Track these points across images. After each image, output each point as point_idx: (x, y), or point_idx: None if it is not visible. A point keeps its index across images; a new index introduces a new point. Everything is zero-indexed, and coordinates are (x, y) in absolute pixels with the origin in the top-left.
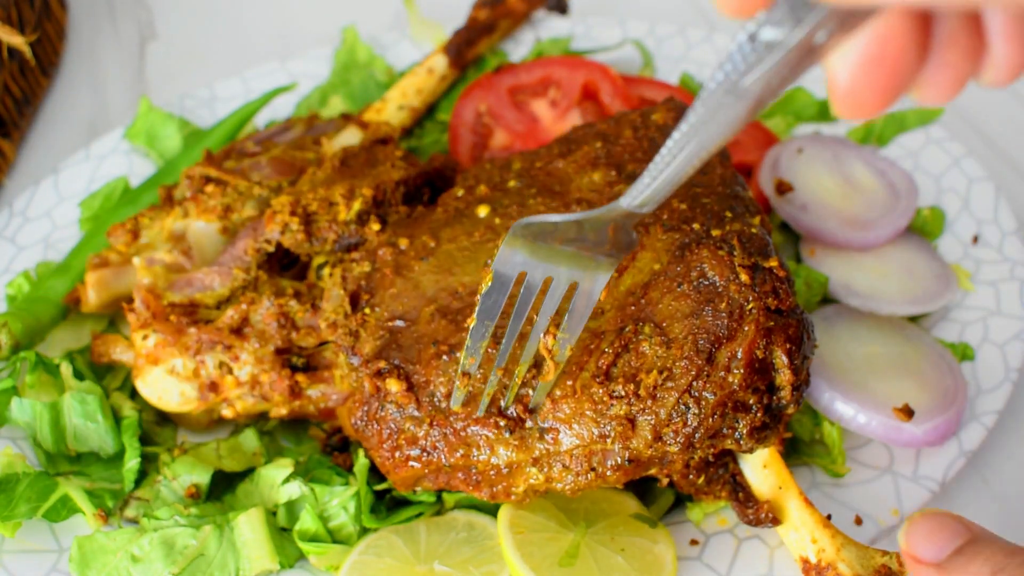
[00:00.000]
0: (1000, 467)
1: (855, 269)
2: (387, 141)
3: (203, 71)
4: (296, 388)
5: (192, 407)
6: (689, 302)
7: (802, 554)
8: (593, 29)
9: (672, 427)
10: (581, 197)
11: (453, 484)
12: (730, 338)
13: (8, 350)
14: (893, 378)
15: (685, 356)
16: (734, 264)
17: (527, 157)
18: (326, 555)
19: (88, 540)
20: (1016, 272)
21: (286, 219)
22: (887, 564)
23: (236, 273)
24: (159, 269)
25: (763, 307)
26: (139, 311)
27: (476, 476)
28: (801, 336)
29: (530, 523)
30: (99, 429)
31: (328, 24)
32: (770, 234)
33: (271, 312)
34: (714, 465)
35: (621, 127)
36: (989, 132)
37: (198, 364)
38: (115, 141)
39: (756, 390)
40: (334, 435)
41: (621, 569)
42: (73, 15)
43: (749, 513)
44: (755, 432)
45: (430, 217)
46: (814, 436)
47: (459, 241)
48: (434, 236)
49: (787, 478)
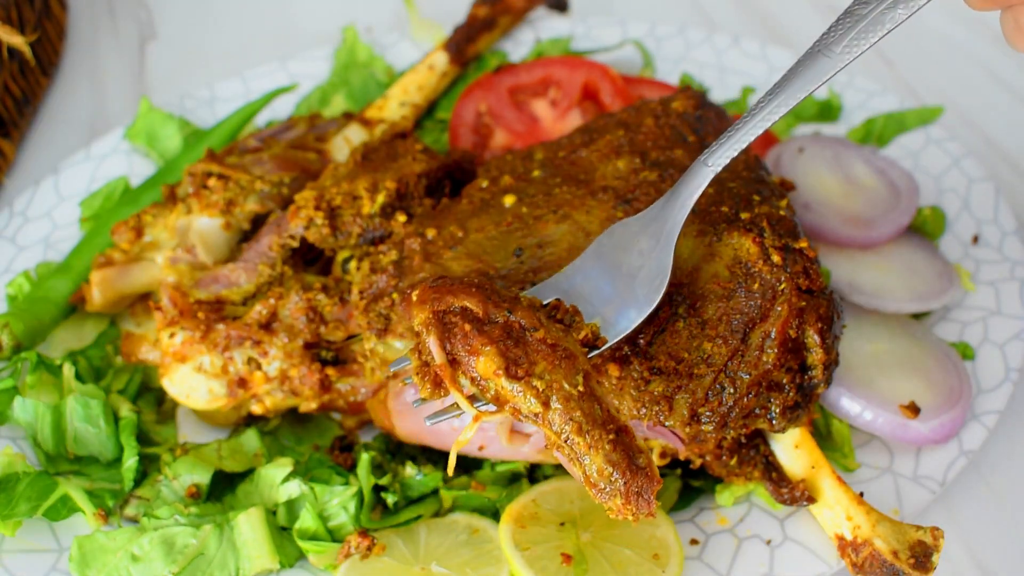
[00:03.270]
0: (1000, 467)
1: (859, 267)
2: (405, 135)
3: (203, 71)
4: (326, 382)
5: (221, 404)
6: (721, 283)
7: (837, 532)
8: (593, 29)
9: (708, 406)
10: (606, 185)
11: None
12: (763, 318)
13: (9, 350)
14: (899, 375)
15: (720, 336)
16: (765, 246)
17: (549, 147)
18: (326, 554)
19: (88, 539)
20: (1016, 272)
21: (311, 214)
22: (922, 539)
23: (262, 269)
24: (184, 267)
25: (795, 287)
26: (166, 309)
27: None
28: (832, 315)
29: (533, 537)
30: (100, 434)
31: (328, 24)
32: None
33: (299, 306)
34: (746, 447)
35: (642, 115)
36: (989, 132)
37: (226, 361)
38: (115, 141)
39: (789, 369)
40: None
41: (633, 562)
42: (73, 15)
43: (784, 492)
44: (787, 411)
45: (456, 208)
46: (821, 433)
47: (487, 231)
48: (461, 226)
49: (819, 457)
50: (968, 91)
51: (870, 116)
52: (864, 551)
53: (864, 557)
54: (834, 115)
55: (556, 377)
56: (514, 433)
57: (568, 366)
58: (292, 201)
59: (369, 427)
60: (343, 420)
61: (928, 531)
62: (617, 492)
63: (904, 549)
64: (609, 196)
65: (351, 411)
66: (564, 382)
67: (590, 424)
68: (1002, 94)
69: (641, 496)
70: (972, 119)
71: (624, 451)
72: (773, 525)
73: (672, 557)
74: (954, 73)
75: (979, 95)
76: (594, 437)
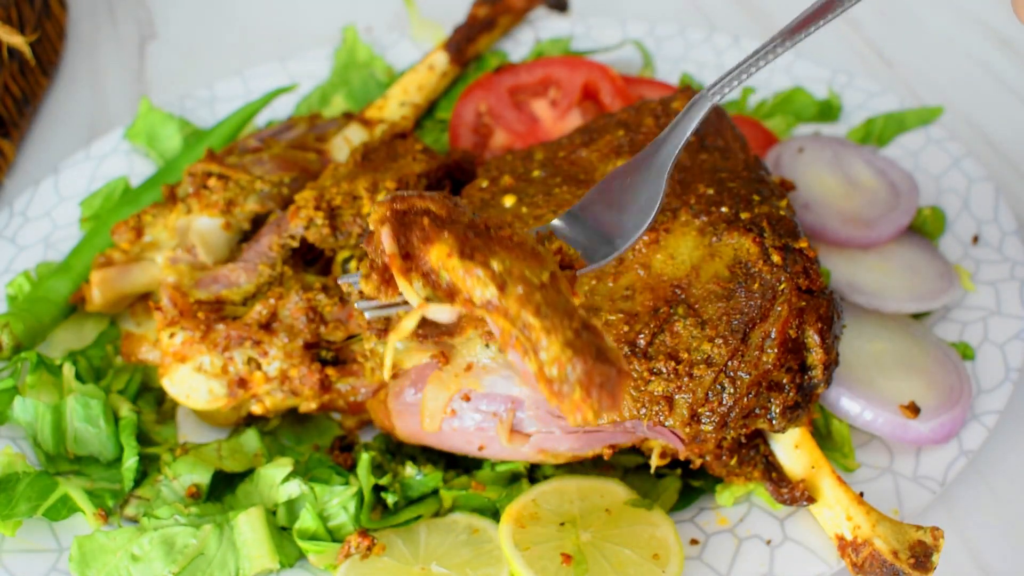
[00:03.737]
0: (1000, 467)
1: (859, 267)
2: (405, 135)
3: (203, 71)
4: (327, 382)
5: (221, 404)
6: (721, 283)
7: (837, 532)
8: (593, 29)
9: (708, 406)
10: None
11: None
12: (763, 318)
13: (9, 350)
14: (899, 375)
15: (720, 336)
16: (765, 246)
17: (549, 147)
18: (326, 554)
19: (88, 539)
20: (1016, 272)
21: (311, 214)
22: (922, 539)
23: (262, 269)
24: (184, 267)
25: (795, 287)
26: (166, 309)
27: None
28: (832, 316)
29: (533, 537)
30: (100, 434)
31: (328, 24)
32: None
33: (300, 306)
34: (746, 447)
35: (642, 115)
36: (989, 132)
37: (226, 360)
38: (115, 141)
39: (789, 369)
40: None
41: (633, 562)
42: (73, 15)
43: (784, 492)
44: (787, 411)
45: None
46: (821, 433)
47: None
48: None
49: (819, 457)
50: (968, 91)
51: (870, 116)
52: (864, 551)
53: (864, 557)
54: (834, 115)
55: (517, 265)
56: (514, 433)
57: (533, 262)
58: (292, 201)
59: (369, 427)
60: (343, 420)
61: (928, 531)
62: (577, 384)
63: (904, 549)
64: None
65: (351, 411)
66: (526, 270)
67: (551, 309)
68: (1002, 94)
69: (603, 388)
70: (972, 119)
71: (588, 340)
72: (773, 525)
73: (672, 557)
74: (954, 73)
75: (979, 95)
76: (554, 321)
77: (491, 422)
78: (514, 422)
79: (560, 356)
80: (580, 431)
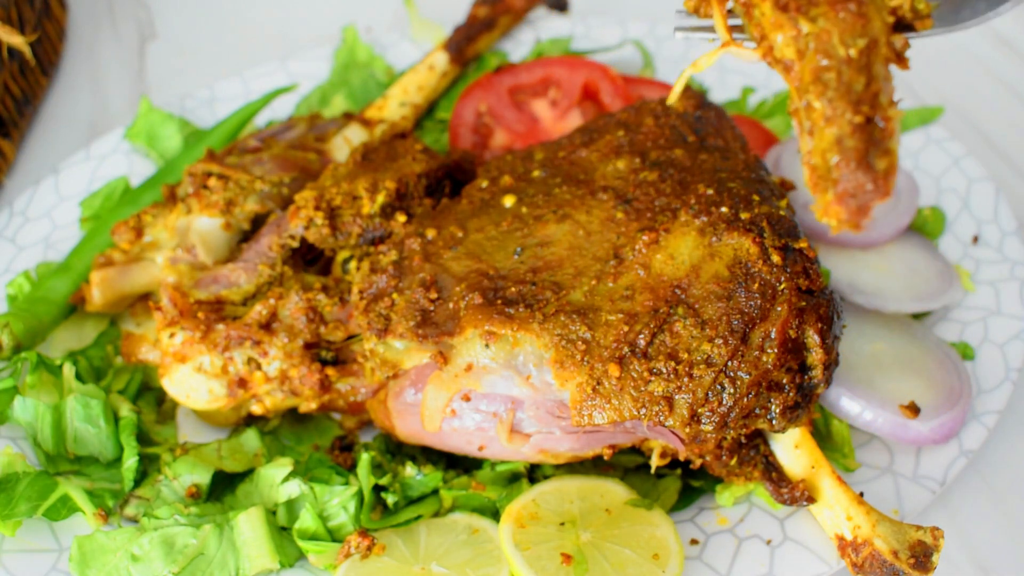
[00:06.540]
0: (1000, 467)
1: (859, 267)
2: (405, 135)
3: (203, 71)
4: (326, 382)
5: (221, 404)
6: (721, 284)
7: (837, 532)
8: (593, 29)
9: (708, 406)
10: (607, 185)
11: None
12: (763, 318)
13: (9, 350)
14: (899, 375)
15: (720, 336)
16: (765, 246)
17: (549, 147)
18: (326, 554)
19: (88, 539)
20: (1016, 272)
21: (311, 214)
22: (922, 539)
23: (261, 269)
24: (184, 267)
25: (795, 287)
26: (166, 309)
27: None
28: (832, 316)
29: (533, 537)
30: (100, 434)
31: (328, 24)
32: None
33: (300, 306)
34: (746, 447)
35: (642, 115)
36: (989, 132)
37: (226, 361)
38: (115, 141)
39: (789, 369)
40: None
41: (633, 562)
42: (73, 15)
43: (784, 492)
44: (787, 412)
45: (456, 209)
46: (821, 433)
47: (487, 231)
48: (461, 227)
49: (819, 457)
50: (968, 91)
51: None
52: (864, 551)
53: (864, 557)
54: None
55: (829, 27)
56: (514, 433)
57: (853, 22)
58: (292, 201)
59: (369, 427)
60: (343, 420)
61: (928, 531)
62: (830, 185)
63: (904, 549)
64: (609, 196)
65: (351, 411)
66: (835, 37)
67: (838, 94)
68: (1002, 94)
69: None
70: (972, 119)
71: (864, 141)
72: (773, 525)
73: (672, 557)
74: (954, 73)
75: (979, 95)
76: (836, 110)
77: (491, 422)
78: (514, 422)
79: (827, 150)
80: (580, 431)
